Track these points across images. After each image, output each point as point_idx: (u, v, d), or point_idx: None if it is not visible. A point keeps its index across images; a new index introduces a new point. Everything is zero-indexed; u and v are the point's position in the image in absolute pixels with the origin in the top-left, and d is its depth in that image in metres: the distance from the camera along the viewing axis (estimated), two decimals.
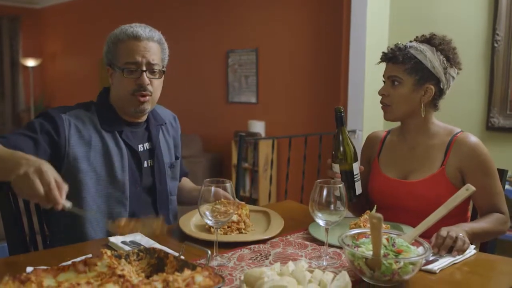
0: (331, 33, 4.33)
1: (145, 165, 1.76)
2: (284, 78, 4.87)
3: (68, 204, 1.21)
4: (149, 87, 1.69)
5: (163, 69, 1.75)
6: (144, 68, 1.68)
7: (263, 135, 4.99)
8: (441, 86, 1.74)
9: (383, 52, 1.81)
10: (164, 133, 1.89)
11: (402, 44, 1.76)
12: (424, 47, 1.72)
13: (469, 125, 3.28)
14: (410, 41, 1.82)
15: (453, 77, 1.75)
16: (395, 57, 1.73)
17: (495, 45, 3.24)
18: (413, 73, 1.71)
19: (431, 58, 1.71)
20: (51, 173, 1.19)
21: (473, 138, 1.73)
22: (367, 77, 3.65)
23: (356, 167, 1.64)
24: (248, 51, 5.18)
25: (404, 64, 1.71)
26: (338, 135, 1.65)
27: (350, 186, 1.63)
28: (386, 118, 1.81)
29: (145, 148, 1.78)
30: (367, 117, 3.72)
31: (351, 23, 3.70)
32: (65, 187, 1.21)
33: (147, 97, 1.70)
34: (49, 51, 8.80)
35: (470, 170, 1.69)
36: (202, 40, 5.68)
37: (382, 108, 1.82)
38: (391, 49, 1.78)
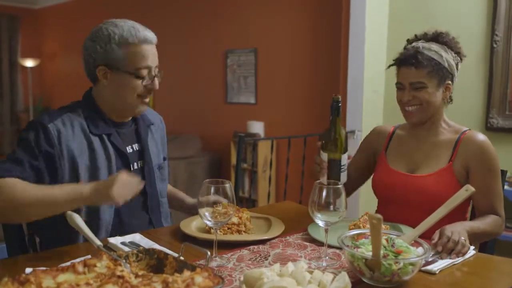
0: (330, 33, 4.33)
1: (135, 166, 1.73)
2: (283, 78, 4.87)
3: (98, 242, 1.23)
4: None
5: None
6: (155, 73, 1.67)
7: (262, 135, 4.99)
8: (454, 81, 1.78)
9: (400, 57, 1.77)
10: (153, 133, 1.86)
11: (416, 48, 1.74)
12: (435, 47, 1.73)
13: (468, 125, 3.22)
14: (409, 40, 1.81)
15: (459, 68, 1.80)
16: (417, 62, 1.70)
17: (494, 45, 3.24)
18: (435, 75, 1.71)
19: (446, 57, 1.73)
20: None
21: (481, 136, 1.74)
22: (366, 77, 3.65)
23: (345, 157, 1.63)
24: (247, 52, 5.18)
25: (425, 68, 1.70)
26: (332, 124, 1.63)
27: (335, 175, 1.63)
28: (413, 121, 1.79)
29: (135, 149, 1.74)
30: (366, 117, 3.72)
31: (350, 23, 3.70)
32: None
33: (148, 99, 1.71)
34: (48, 51, 8.79)
35: (476, 168, 1.70)
36: (200, 40, 5.68)
37: (407, 112, 1.77)
38: (410, 54, 1.73)
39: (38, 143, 1.54)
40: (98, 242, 1.19)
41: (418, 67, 1.70)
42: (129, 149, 1.72)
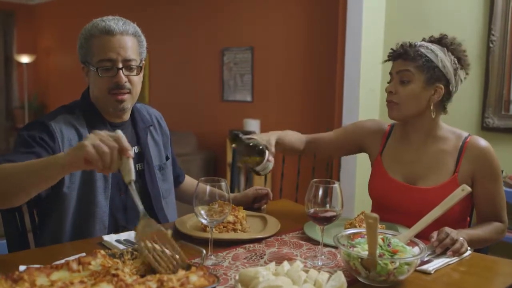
0: (326, 32, 4.32)
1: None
2: (279, 76, 4.86)
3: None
4: (127, 85, 1.62)
5: (140, 65, 1.67)
6: (120, 66, 1.59)
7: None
8: (450, 88, 1.71)
9: (391, 49, 1.75)
10: (153, 133, 1.83)
11: (411, 42, 1.72)
12: (434, 47, 1.69)
13: (464, 125, 3.28)
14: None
15: (461, 80, 1.73)
16: (406, 53, 1.68)
17: (491, 45, 3.24)
18: (424, 70, 1.66)
19: (442, 58, 1.67)
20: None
21: (483, 142, 1.71)
22: (363, 75, 3.65)
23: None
24: (244, 49, 5.17)
25: (415, 61, 1.66)
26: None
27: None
28: (392, 116, 1.75)
29: (134, 152, 1.71)
30: (362, 115, 3.71)
31: (347, 21, 3.70)
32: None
33: (126, 95, 1.63)
34: (43, 47, 8.75)
35: (481, 176, 1.68)
36: (197, 38, 5.66)
37: (388, 105, 1.74)
38: (401, 45, 1.72)
39: (38, 138, 1.51)
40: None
41: (406, 59, 1.68)
42: None
